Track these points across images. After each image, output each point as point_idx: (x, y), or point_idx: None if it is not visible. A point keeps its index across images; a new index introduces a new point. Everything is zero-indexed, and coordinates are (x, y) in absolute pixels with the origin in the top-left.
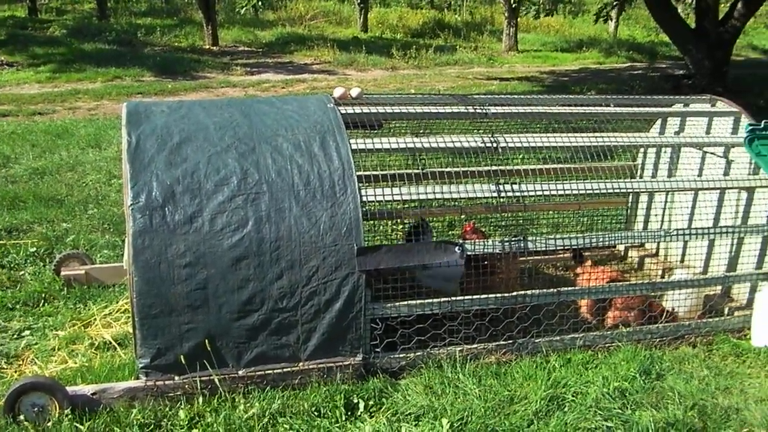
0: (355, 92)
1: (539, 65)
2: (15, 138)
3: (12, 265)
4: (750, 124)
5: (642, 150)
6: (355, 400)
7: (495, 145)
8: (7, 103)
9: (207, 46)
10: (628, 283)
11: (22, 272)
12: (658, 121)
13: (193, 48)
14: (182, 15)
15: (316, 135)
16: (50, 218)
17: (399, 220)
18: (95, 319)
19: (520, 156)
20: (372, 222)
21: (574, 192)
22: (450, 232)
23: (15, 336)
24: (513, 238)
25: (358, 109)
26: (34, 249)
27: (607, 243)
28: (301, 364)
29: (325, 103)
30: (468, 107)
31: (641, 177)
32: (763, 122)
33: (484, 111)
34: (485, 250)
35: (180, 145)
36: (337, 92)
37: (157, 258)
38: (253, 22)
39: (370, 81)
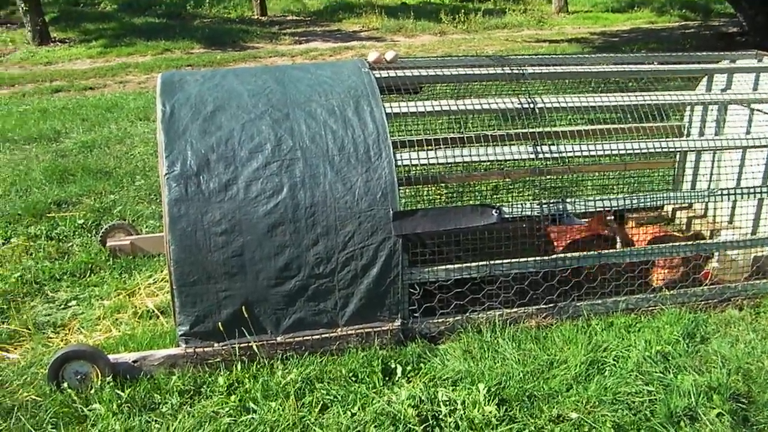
0: (389, 56)
1: (590, 26)
2: (66, 113)
3: (61, 237)
4: None
5: (688, 109)
6: (393, 366)
7: (531, 106)
8: (60, 78)
9: (255, 16)
10: (670, 244)
11: (71, 244)
12: (705, 79)
13: (241, 18)
14: None
15: (350, 100)
16: (98, 190)
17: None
18: (139, 289)
19: (561, 117)
20: (415, 187)
21: (618, 152)
22: (495, 196)
23: (62, 306)
24: (554, 201)
25: (393, 73)
26: (83, 221)
27: (653, 204)
28: (339, 329)
29: (360, 67)
30: (504, 68)
31: (688, 136)
32: None
33: (521, 72)
34: (527, 214)
35: (214, 113)
36: (372, 56)
37: (193, 226)
38: None
39: (418, 46)
